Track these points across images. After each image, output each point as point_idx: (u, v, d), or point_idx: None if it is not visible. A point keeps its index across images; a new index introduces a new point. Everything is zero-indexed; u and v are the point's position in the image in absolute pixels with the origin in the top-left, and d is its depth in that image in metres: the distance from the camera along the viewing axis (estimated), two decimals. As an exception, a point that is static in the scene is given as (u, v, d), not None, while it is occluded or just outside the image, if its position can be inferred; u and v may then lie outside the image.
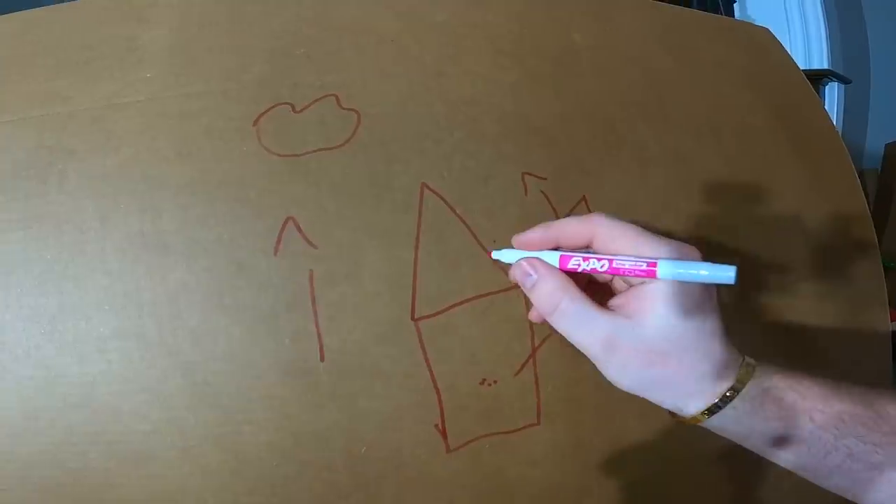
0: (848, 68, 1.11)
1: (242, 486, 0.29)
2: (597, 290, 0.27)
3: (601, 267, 0.24)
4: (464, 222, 0.33)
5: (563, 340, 0.29)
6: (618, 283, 0.28)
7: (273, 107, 0.32)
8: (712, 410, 0.25)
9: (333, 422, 0.30)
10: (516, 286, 0.30)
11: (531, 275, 0.25)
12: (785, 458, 0.26)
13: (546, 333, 0.32)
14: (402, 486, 0.31)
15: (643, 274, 0.23)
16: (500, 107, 0.35)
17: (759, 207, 0.41)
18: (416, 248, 0.31)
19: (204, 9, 0.35)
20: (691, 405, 0.25)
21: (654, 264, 0.22)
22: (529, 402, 0.32)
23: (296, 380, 0.29)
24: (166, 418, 0.29)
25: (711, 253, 0.35)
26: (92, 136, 0.31)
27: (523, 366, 0.32)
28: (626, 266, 0.23)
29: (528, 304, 0.31)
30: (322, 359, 0.30)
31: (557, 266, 0.25)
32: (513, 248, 0.29)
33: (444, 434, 0.31)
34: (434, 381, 0.30)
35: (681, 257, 0.23)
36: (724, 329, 0.25)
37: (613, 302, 0.25)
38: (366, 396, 0.30)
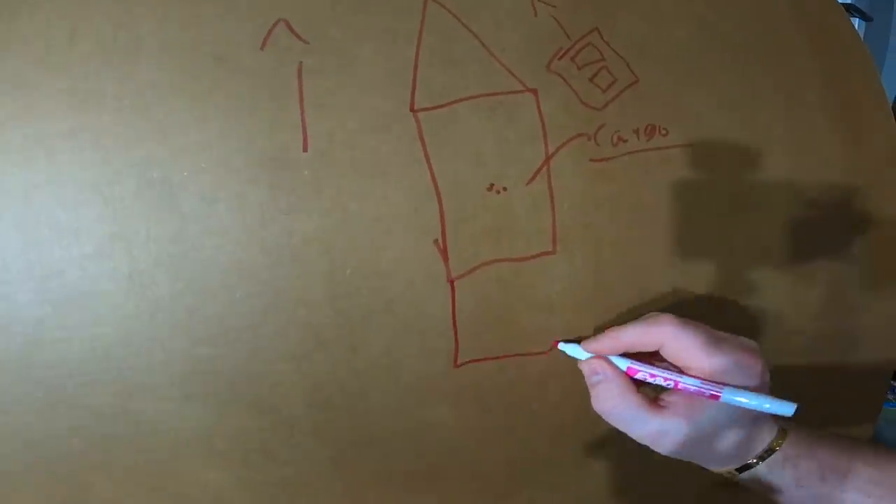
0: (872, 4, 1.05)
1: (200, 326, 0.23)
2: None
3: (666, 384, 0.25)
4: (470, 30, 0.28)
5: (580, 152, 0.26)
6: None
7: None
8: (741, 470, 0.27)
9: (314, 231, 0.24)
10: (529, 91, 0.27)
11: (598, 374, 0.26)
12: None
13: (561, 141, 0.27)
14: (392, 325, 0.25)
15: (707, 397, 0.24)
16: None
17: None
18: (418, 45, 0.27)
19: None
20: (722, 467, 0.27)
21: (718, 395, 0.23)
22: (543, 220, 0.27)
23: (272, 173, 0.24)
24: (116, 216, 0.23)
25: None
26: None
27: (537, 173, 0.27)
28: (692, 389, 0.24)
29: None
30: (305, 149, 0.24)
31: (624, 369, 0.26)
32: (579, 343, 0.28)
33: (444, 254, 0.26)
34: (434, 179, 0.25)
35: (742, 378, 0.24)
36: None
37: (667, 398, 0.26)
38: (356, 196, 0.24)
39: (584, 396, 0.26)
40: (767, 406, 0.23)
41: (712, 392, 0.23)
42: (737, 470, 0.26)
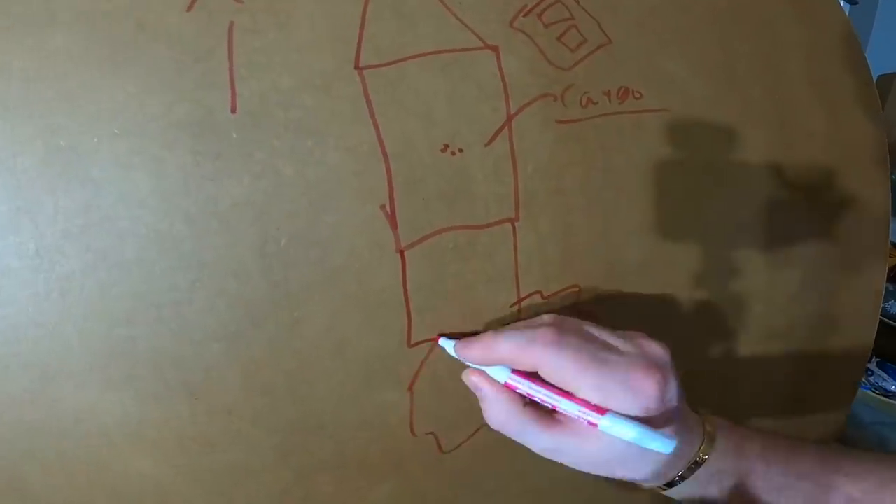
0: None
1: (117, 304, 0.19)
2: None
3: (546, 404, 0.21)
4: (424, -16, 0.25)
5: (546, 113, 0.22)
6: None
7: None
8: (670, 484, 0.23)
9: (244, 197, 0.20)
10: (489, 48, 0.23)
11: (480, 389, 0.22)
12: None
13: (524, 101, 0.23)
14: (335, 300, 0.21)
15: (586, 425, 0.20)
16: None
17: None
18: (366, 1, 0.23)
19: None
20: (646, 483, 0.23)
21: (596, 424, 0.20)
22: (505, 184, 0.23)
23: (195, 137, 0.20)
24: (21, 187, 0.19)
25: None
26: None
27: (497, 133, 0.23)
28: (571, 414, 0.20)
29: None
30: (234, 111, 0.20)
31: (503, 382, 0.22)
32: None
33: (392, 220, 0.22)
34: (381, 139, 0.21)
35: (629, 402, 0.20)
36: (680, 422, 0.22)
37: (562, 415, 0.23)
38: (290, 160, 0.21)
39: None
40: (643, 440, 0.19)
41: (590, 420, 0.20)
42: (663, 486, 0.22)
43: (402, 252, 0.22)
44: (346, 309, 0.21)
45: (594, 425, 0.19)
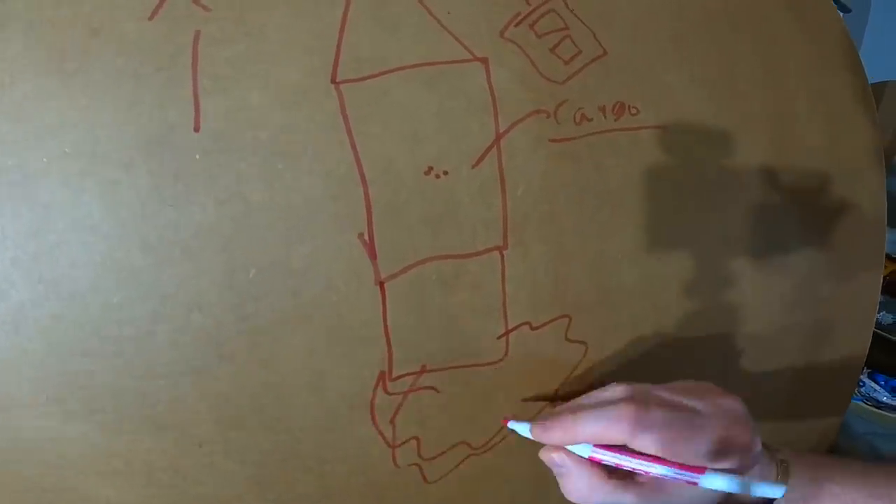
0: (851, -6, 0.97)
1: (71, 336, 0.17)
2: None
3: (638, 472, 0.20)
4: (408, -12, 0.23)
5: (537, 130, 0.21)
6: None
7: None
8: None
9: (209, 224, 0.18)
10: (478, 60, 0.21)
11: (559, 465, 0.22)
12: None
13: (515, 118, 0.21)
14: (311, 334, 0.19)
15: (685, 483, 0.20)
16: None
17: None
18: (346, 7, 0.21)
19: None
20: None
21: (696, 483, 0.20)
22: (492, 208, 0.21)
23: (153, 157, 0.18)
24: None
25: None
26: None
27: (485, 154, 0.21)
28: (668, 477, 0.20)
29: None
30: (197, 129, 0.18)
31: (587, 456, 0.21)
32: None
33: (371, 250, 0.20)
34: (359, 162, 0.19)
35: (725, 458, 0.20)
36: (758, 463, 0.22)
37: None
38: (259, 184, 0.19)
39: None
40: (748, 489, 0.19)
41: (689, 480, 0.20)
42: None
43: (381, 284, 0.20)
44: (322, 344, 0.20)
45: (694, 483, 0.19)
